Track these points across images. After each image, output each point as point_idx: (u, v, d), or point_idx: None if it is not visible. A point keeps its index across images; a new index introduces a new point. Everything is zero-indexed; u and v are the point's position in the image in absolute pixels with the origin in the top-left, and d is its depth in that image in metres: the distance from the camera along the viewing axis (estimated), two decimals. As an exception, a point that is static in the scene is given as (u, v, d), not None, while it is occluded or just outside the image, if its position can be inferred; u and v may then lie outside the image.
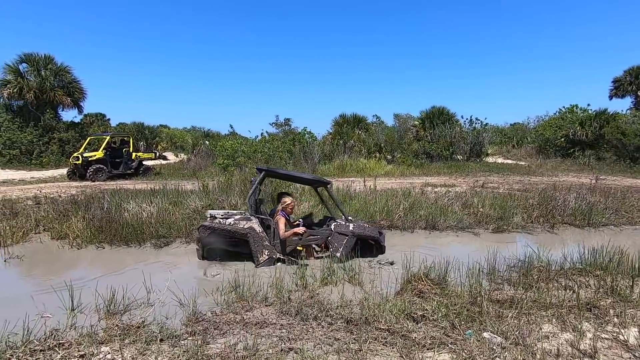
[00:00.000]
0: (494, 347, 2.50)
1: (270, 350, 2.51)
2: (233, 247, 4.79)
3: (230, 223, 4.64)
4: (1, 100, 20.14)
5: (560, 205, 7.53)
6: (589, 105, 23.36)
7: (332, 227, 4.96)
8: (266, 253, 4.63)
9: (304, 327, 2.91)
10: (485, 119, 24.97)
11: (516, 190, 10.16)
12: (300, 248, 4.92)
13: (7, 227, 6.07)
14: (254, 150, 17.21)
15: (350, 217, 5.47)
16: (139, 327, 2.94)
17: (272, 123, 23.29)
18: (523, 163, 20.29)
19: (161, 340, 2.68)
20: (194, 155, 21.86)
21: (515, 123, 34.75)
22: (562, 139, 21.31)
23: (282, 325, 2.95)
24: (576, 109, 24.17)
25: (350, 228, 4.95)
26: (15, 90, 19.59)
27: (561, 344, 2.62)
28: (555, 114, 26.31)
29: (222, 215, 4.79)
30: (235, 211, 5.12)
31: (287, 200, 4.93)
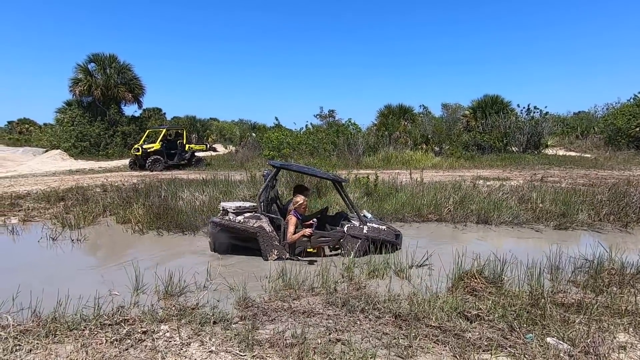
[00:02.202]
0: (560, 354, 2.29)
1: (319, 340, 2.51)
2: (243, 243, 4.74)
3: (240, 221, 4.56)
4: (73, 97, 22.27)
5: (635, 202, 6.75)
6: (671, 90, 20.58)
7: (345, 229, 4.72)
8: (275, 253, 4.56)
9: (351, 319, 2.88)
10: (546, 107, 22.94)
11: (581, 185, 9.27)
12: (311, 250, 4.75)
13: (80, 212, 6.72)
14: (298, 142, 17.43)
15: (369, 214, 5.23)
16: (193, 308, 3.10)
17: (317, 115, 23.40)
18: (589, 155, 18.49)
19: (214, 322, 2.80)
20: (242, 146, 22.66)
21: (579, 112, 31.81)
22: (637, 129, 19.05)
23: (328, 315, 2.95)
24: (656, 94, 21.44)
25: (364, 231, 4.71)
26: (85, 87, 21.56)
27: (641, 356, 2.34)
28: (629, 100, 23.56)
29: (234, 210, 4.66)
30: (248, 204, 4.93)
31: (299, 199, 4.75)
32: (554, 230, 6.10)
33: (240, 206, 4.76)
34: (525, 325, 2.70)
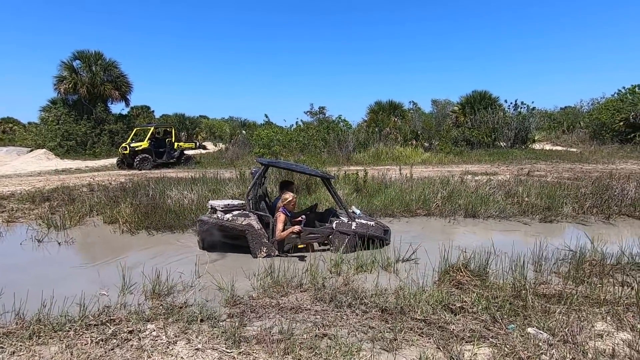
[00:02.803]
0: (540, 344, 2.36)
1: (305, 335, 2.54)
2: (232, 241, 4.73)
3: (228, 219, 4.54)
4: (58, 95, 21.81)
5: (617, 195, 6.93)
6: (654, 85, 21.05)
7: (334, 225, 4.75)
8: (264, 250, 4.56)
9: (338, 314, 2.91)
10: (532, 102, 23.39)
11: (566, 179, 9.47)
12: (301, 246, 4.76)
13: (66, 212, 6.61)
14: (289, 139, 17.39)
15: (358, 210, 5.28)
16: (181, 307, 3.10)
17: (307, 111, 23.31)
18: (574, 150, 18.86)
19: (201, 320, 2.80)
20: (232, 144, 22.47)
21: (566, 107, 32.36)
22: (621, 123, 19.47)
23: (316, 311, 2.97)
24: (638, 89, 21.90)
25: (353, 227, 4.74)
26: (70, 85, 21.14)
27: (617, 343, 2.42)
28: (613, 95, 24.07)
29: (222, 208, 4.63)
30: (236, 201, 4.88)
31: (288, 196, 4.73)
32: (540, 223, 6.23)
33: (228, 204, 4.73)
34: (507, 316, 2.76)
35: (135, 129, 17.72)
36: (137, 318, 2.80)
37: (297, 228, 4.55)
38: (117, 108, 30.96)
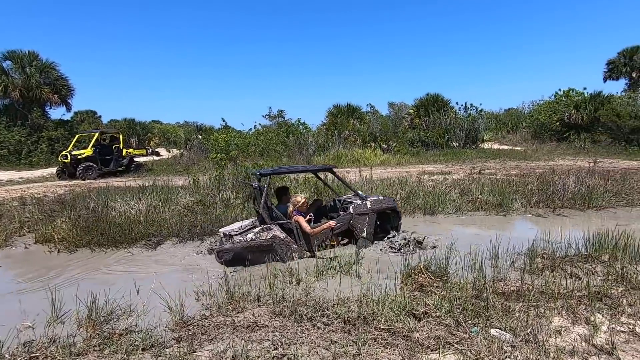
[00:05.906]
0: (504, 346, 2.32)
1: (262, 358, 2.31)
2: (256, 257, 4.58)
3: (251, 238, 4.48)
4: (-15, 99, 19.59)
5: (559, 190, 7.39)
6: (585, 88, 23.13)
7: (351, 209, 4.95)
8: (296, 256, 4.56)
9: (299, 328, 2.72)
10: (481, 104, 24.81)
11: (514, 176, 10.01)
12: (333, 242, 4.93)
13: (-11, 231, 5.81)
14: (247, 144, 16.94)
15: (359, 192, 5.46)
16: (121, 335, 2.74)
17: (265, 115, 22.97)
18: (519, 148, 20.17)
19: (143, 349, 2.48)
20: (187, 150, 21.49)
21: (509, 108, 34.63)
22: (557, 123, 21.15)
23: (274, 327, 2.76)
24: (572, 92, 23.97)
25: (368, 206, 5.01)
26: (0, 88, 19.04)
27: (575, 339, 2.44)
28: (550, 98, 26.13)
29: (237, 231, 4.56)
30: (247, 221, 4.90)
31: (300, 199, 4.80)
32: (496, 216, 6.46)
33: (241, 226, 4.72)
34: (470, 318, 2.72)
35: (77, 135, 16.33)
36: (64, 353, 2.41)
37: (333, 223, 4.66)
38: (58, 113, 28.48)
